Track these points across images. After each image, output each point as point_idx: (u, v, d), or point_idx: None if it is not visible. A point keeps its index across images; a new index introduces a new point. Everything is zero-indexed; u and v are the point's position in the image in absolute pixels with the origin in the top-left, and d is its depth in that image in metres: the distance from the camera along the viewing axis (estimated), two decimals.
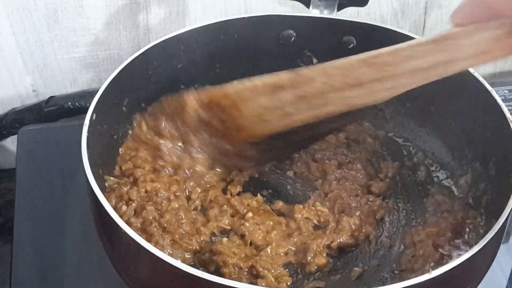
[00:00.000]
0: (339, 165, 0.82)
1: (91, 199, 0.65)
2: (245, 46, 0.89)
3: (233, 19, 0.86)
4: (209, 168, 0.79)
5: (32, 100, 1.00)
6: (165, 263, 0.55)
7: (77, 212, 0.81)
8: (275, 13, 0.87)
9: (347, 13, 0.89)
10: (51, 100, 0.98)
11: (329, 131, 0.82)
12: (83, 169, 0.64)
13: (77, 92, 0.99)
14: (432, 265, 0.69)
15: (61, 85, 1.00)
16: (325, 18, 0.87)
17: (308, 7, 0.88)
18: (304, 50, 0.90)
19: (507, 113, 0.72)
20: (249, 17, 0.87)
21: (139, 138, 0.79)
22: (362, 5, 0.88)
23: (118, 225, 0.59)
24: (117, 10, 0.95)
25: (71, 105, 0.97)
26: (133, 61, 0.78)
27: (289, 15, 0.87)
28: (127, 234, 0.58)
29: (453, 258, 0.69)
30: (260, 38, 0.88)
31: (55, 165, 0.88)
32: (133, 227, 0.70)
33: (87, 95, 0.97)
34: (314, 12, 0.87)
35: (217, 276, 0.54)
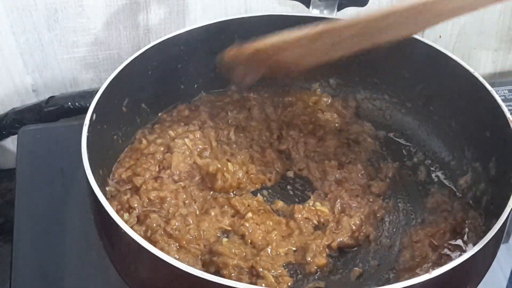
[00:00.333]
0: (339, 165, 0.83)
1: (91, 199, 0.65)
2: None
3: (233, 19, 0.86)
4: None
5: (32, 100, 1.00)
6: (165, 263, 0.55)
7: (77, 212, 0.81)
8: (275, 13, 0.87)
9: (347, 13, 0.89)
10: (51, 100, 0.98)
11: None
12: (83, 169, 0.64)
13: (77, 92, 0.99)
14: (430, 265, 0.69)
15: (61, 85, 1.00)
16: (325, 18, 0.87)
17: (308, 7, 0.88)
18: None
19: (507, 113, 0.72)
20: (249, 17, 0.87)
21: (140, 151, 0.80)
22: (362, 5, 0.88)
23: (118, 225, 0.59)
24: (117, 10, 0.95)
25: (71, 105, 0.97)
26: (133, 61, 0.78)
27: (289, 15, 0.87)
28: (127, 234, 0.58)
29: (452, 258, 0.70)
30: (260, 38, 0.88)
31: (55, 165, 0.88)
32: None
33: (87, 95, 0.97)
34: (314, 12, 0.87)
35: (217, 276, 0.54)
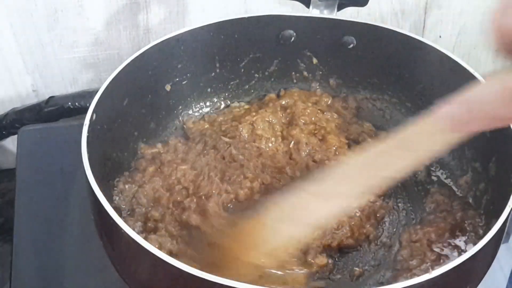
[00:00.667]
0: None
1: (91, 199, 0.65)
2: (245, 46, 0.89)
3: (233, 19, 0.86)
4: None
5: (32, 100, 1.00)
6: (165, 263, 0.55)
7: (77, 212, 0.81)
8: (275, 13, 0.87)
9: (347, 13, 0.89)
10: (51, 100, 0.98)
11: None
12: (83, 169, 0.64)
13: (77, 92, 0.99)
14: (429, 265, 0.69)
15: (61, 85, 1.00)
16: (325, 18, 0.87)
17: (308, 7, 0.88)
18: (304, 50, 0.90)
19: None
20: (249, 17, 0.87)
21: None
22: (362, 5, 0.88)
23: (118, 225, 0.59)
24: (117, 10, 0.95)
25: (71, 105, 0.97)
26: (133, 61, 0.78)
27: (289, 15, 0.87)
28: (127, 234, 0.58)
29: (450, 258, 0.70)
30: (260, 38, 0.88)
31: (55, 165, 0.88)
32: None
33: (87, 95, 0.97)
34: (314, 12, 0.87)
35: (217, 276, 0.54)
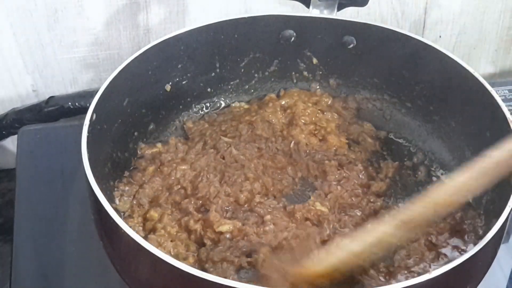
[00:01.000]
0: (339, 165, 0.82)
1: (91, 199, 0.65)
2: (245, 46, 0.89)
3: (233, 19, 0.86)
4: None
5: (32, 100, 1.00)
6: (165, 263, 0.55)
7: (77, 212, 0.81)
8: (275, 13, 0.87)
9: (347, 13, 0.89)
10: (51, 100, 0.98)
11: None
12: (83, 169, 0.64)
13: (77, 92, 0.99)
14: (426, 264, 0.69)
15: (61, 85, 1.00)
16: (325, 18, 0.87)
17: (308, 7, 0.88)
18: (304, 50, 0.90)
19: (507, 113, 0.71)
20: (249, 17, 0.87)
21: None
22: (362, 5, 0.88)
23: (118, 225, 0.59)
24: (117, 10, 0.95)
25: (71, 105, 0.97)
26: (133, 61, 0.78)
27: (289, 15, 0.87)
28: (127, 234, 0.58)
29: (450, 257, 0.70)
30: (260, 38, 0.88)
31: (55, 165, 0.88)
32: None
33: (87, 95, 0.97)
34: (314, 12, 0.87)
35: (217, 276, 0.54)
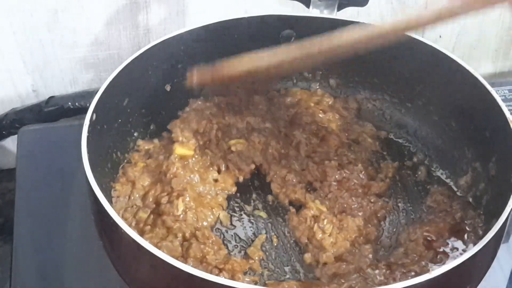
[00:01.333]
0: (339, 165, 0.82)
1: (91, 199, 0.65)
2: (245, 46, 0.88)
3: (233, 19, 0.86)
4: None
5: (32, 100, 1.00)
6: (165, 263, 0.55)
7: (77, 212, 0.81)
8: (275, 13, 0.87)
9: (347, 13, 0.89)
10: (51, 100, 0.98)
11: None
12: (83, 169, 0.64)
13: (77, 92, 0.99)
14: (424, 263, 0.69)
15: (61, 85, 1.00)
16: (325, 18, 0.87)
17: (308, 7, 0.88)
18: None
19: (507, 113, 0.72)
20: (249, 17, 0.87)
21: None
22: (362, 5, 0.88)
23: (118, 225, 0.59)
24: (117, 10, 0.95)
25: (71, 105, 0.97)
26: (133, 61, 0.78)
27: (289, 15, 0.87)
28: (127, 234, 0.58)
29: (449, 257, 0.70)
30: (260, 38, 0.88)
31: (55, 165, 0.88)
32: None
33: (87, 95, 0.97)
34: (314, 12, 0.87)
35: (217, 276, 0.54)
